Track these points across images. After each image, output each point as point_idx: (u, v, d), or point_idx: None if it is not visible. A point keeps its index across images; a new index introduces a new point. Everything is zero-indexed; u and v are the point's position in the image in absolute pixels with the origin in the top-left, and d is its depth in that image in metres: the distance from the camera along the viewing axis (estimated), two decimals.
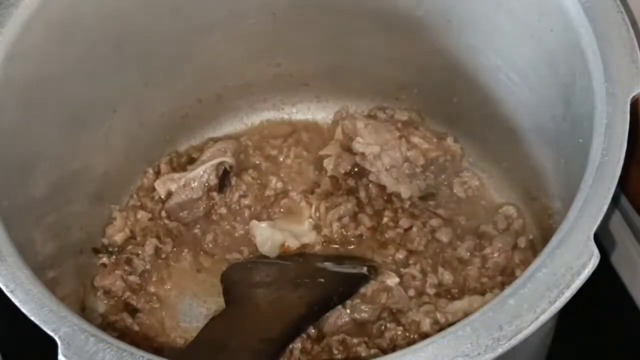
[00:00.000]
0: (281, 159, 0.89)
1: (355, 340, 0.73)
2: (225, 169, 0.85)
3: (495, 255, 0.78)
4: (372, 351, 0.72)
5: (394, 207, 0.83)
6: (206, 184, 0.84)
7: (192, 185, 0.84)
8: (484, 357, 0.47)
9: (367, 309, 0.75)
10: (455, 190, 0.85)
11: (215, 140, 0.90)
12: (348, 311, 0.75)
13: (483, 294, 0.76)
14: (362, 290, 0.76)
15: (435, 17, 0.76)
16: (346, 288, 0.76)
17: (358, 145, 0.84)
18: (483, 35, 0.75)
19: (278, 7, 0.81)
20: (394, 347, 0.73)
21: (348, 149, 0.86)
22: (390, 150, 0.83)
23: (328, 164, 0.86)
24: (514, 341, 0.48)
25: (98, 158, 0.81)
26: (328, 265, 0.77)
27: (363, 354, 0.72)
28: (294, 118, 0.94)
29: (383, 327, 0.74)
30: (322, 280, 0.75)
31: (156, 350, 0.76)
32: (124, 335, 0.77)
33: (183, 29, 0.79)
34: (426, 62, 0.82)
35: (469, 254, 0.78)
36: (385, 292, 0.76)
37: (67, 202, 0.76)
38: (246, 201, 0.85)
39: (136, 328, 0.78)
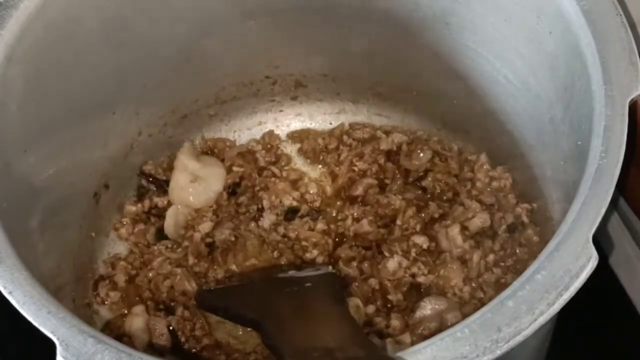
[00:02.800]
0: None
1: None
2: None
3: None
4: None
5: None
6: None
7: None
8: (482, 359, 0.47)
9: None
10: None
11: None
12: None
13: None
14: None
15: (434, 19, 0.76)
16: (338, 283, 0.75)
17: None
18: (482, 37, 0.75)
19: (277, 8, 0.81)
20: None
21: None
22: None
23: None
24: (512, 343, 0.48)
25: (97, 159, 0.81)
26: (292, 273, 0.76)
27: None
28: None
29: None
30: (310, 284, 0.73)
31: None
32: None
33: (183, 30, 0.79)
34: (425, 64, 0.82)
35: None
36: None
37: (66, 204, 0.76)
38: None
39: None
